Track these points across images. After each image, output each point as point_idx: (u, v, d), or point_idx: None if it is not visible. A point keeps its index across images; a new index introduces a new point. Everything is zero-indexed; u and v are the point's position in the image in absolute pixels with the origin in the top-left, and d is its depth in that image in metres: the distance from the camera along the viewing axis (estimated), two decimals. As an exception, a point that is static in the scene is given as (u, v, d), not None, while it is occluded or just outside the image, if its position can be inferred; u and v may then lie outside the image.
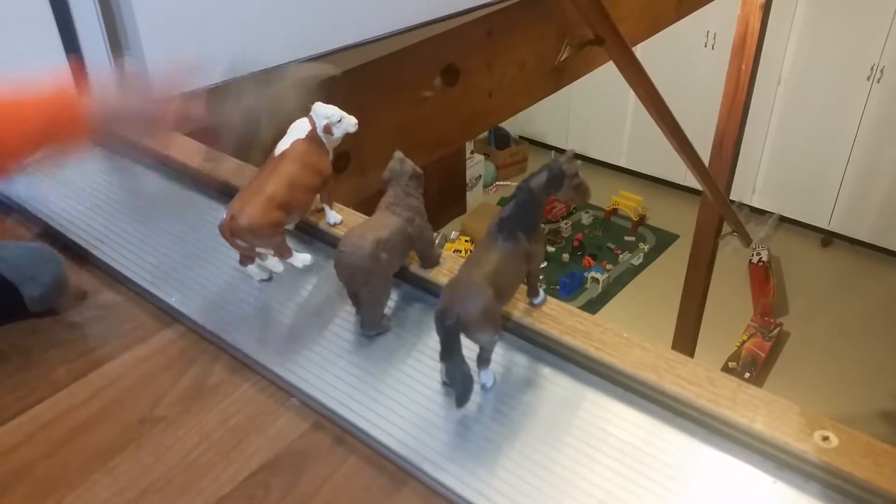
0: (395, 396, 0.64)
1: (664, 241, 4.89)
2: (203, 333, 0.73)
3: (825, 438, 0.56)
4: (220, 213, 0.88)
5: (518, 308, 0.69)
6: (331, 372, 0.67)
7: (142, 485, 0.59)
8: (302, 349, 0.69)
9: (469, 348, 0.60)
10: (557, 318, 0.68)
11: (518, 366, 0.67)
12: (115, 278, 0.81)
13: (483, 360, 0.63)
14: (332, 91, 1.40)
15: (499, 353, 0.67)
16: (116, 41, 1.07)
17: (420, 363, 0.67)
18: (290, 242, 0.74)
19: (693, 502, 0.55)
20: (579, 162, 0.64)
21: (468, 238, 4.86)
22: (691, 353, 3.63)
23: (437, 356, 0.61)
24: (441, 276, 0.74)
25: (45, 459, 0.61)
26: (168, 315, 0.76)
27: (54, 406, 0.66)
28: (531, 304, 0.70)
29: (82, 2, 0.99)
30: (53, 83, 0.71)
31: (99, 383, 0.68)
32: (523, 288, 0.70)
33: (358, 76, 1.45)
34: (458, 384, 0.60)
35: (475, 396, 0.62)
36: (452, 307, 0.58)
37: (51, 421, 0.65)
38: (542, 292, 0.70)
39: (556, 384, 0.65)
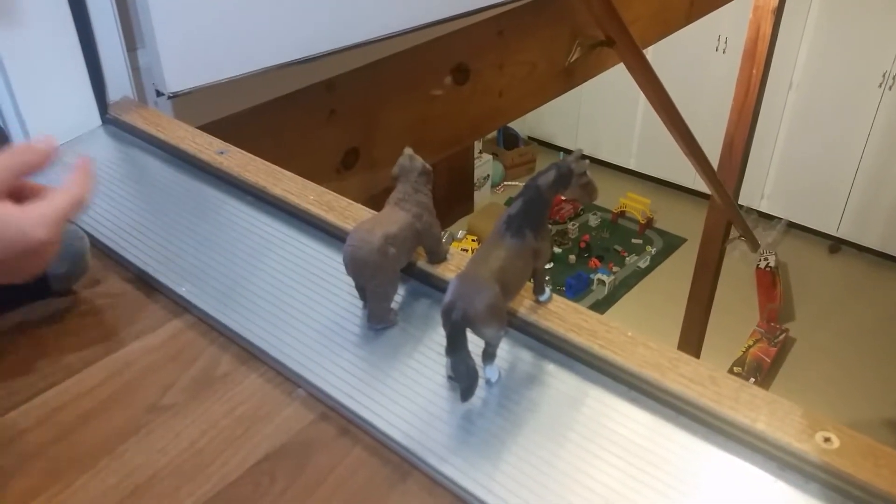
0: (401, 389, 0.65)
1: (671, 244, 4.89)
2: (212, 324, 0.74)
3: (827, 439, 0.56)
4: (229, 204, 0.89)
5: (524, 305, 0.70)
6: (338, 364, 0.67)
7: (150, 470, 0.59)
8: (310, 341, 0.70)
9: (475, 343, 0.61)
10: (563, 315, 0.69)
11: (523, 362, 0.68)
12: (127, 268, 0.82)
13: (488, 355, 0.63)
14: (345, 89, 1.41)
15: (504, 349, 0.68)
16: (131, 36, 1.08)
17: (426, 357, 0.68)
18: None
19: (694, 500, 0.56)
20: (587, 161, 0.65)
21: (475, 237, 4.87)
22: (697, 357, 3.62)
23: (442, 350, 0.62)
24: (448, 271, 0.74)
25: (55, 444, 0.62)
26: (178, 305, 0.77)
27: (65, 392, 0.67)
28: (537, 301, 0.70)
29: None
30: None
31: (109, 371, 0.69)
32: (529, 285, 0.70)
33: (369, 73, 1.46)
34: (462, 378, 0.61)
35: (480, 391, 0.63)
36: (458, 302, 0.59)
37: (61, 406, 0.66)
38: (548, 290, 0.71)
39: (561, 381, 0.66)
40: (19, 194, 0.62)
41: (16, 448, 0.62)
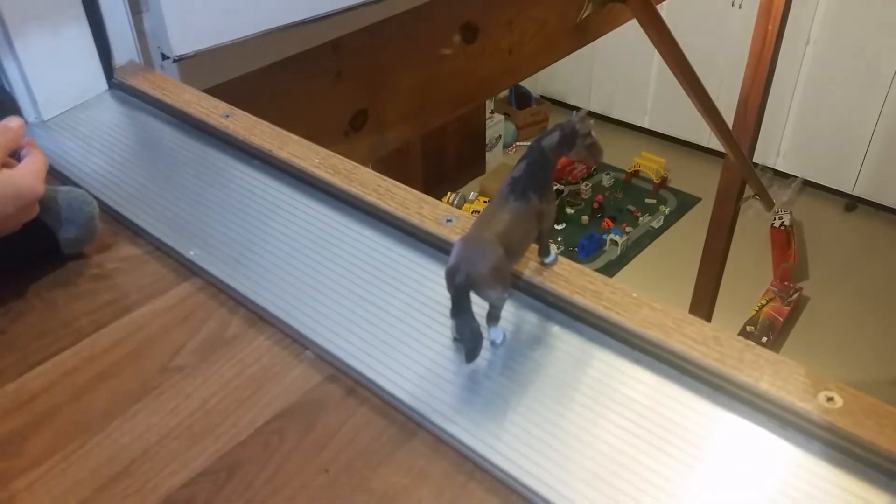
0: (407, 351, 0.65)
1: (685, 203, 4.85)
2: (221, 287, 0.75)
3: (829, 399, 0.56)
4: (236, 168, 0.90)
5: (529, 267, 0.70)
6: (345, 327, 0.68)
7: (161, 431, 0.61)
8: (318, 304, 0.71)
9: (479, 305, 0.61)
10: (568, 277, 0.69)
11: (528, 324, 0.68)
12: (136, 232, 0.83)
13: (492, 317, 0.64)
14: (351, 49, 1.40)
15: (509, 311, 0.68)
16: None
17: (431, 319, 0.68)
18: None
19: (698, 458, 0.56)
20: (592, 121, 0.64)
21: (486, 199, 4.85)
22: (709, 316, 3.62)
23: (447, 312, 0.62)
24: (453, 234, 0.74)
25: (68, 405, 0.64)
26: (187, 269, 0.78)
27: (77, 354, 0.68)
28: (542, 263, 0.70)
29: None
30: None
31: (120, 333, 0.71)
32: (535, 247, 0.70)
33: (377, 33, 1.45)
34: (467, 340, 0.61)
35: (485, 352, 0.64)
36: (462, 265, 0.59)
37: (74, 368, 0.67)
38: (553, 252, 0.71)
39: (565, 342, 0.66)
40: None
41: (30, 410, 0.63)
